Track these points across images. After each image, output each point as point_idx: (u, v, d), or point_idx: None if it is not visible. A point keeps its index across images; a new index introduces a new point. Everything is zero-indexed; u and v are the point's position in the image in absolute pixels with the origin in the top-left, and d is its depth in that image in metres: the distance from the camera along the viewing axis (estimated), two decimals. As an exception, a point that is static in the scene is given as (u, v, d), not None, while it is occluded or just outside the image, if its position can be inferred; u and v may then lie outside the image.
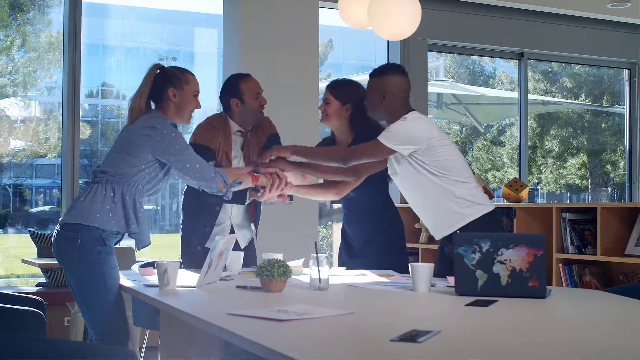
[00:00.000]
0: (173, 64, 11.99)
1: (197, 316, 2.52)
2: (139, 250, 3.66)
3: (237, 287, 3.32)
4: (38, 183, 13.00)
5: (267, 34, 6.44)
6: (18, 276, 11.28)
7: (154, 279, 3.51)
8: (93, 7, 11.52)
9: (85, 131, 12.67)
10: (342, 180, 4.16)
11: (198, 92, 3.79)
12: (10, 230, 12.57)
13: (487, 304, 2.80)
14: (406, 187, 3.88)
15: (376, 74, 3.91)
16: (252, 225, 4.38)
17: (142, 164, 3.55)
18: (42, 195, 13.44)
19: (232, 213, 4.27)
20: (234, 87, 4.27)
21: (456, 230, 3.70)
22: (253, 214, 4.34)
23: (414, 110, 3.86)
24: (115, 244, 3.56)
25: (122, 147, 3.60)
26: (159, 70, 3.74)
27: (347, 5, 4.32)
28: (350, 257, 4.30)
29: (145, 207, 3.68)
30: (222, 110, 4.32)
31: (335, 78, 4.38)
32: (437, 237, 3.89)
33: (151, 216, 12.84)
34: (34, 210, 13.32)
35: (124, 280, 3.55)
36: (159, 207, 13.47)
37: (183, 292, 3.18)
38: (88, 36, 12.15)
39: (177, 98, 3.70)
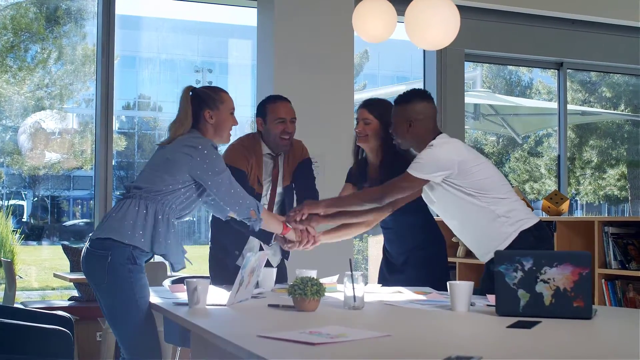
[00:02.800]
0: (209, 75, 12.02)
1: (226, 338, 2.41)
2: (174, 271, 3.58)
3: (269, 305, 3.22)
4: (75, 195, 13.08)
5: (302, 46, 6.36)
6: (53, 289, 11.31)
7: (184, 296, 3.42)
8: (128, 19, 11.57)
9: (121, 143, 12.73)
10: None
11: (234, 109, 3.71)
12: (46, 242, 12.63)
13: (529, 325, 2.67)
14: (444, 212, 3.77)
15: (401, 101, 3.79)
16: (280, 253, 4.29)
17: (179, 184, 3.46)
18: (79, 207, 13.52)
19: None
20: (261, 106, 4.21)
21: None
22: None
23: (441, 133, 3.74)
24: (146, 261, 3.47)
25: (160, 164, 3.51)
26: (191, 92, 3.66)
27: (363, 21, 4.24)
28: (390, 274, 4.19)
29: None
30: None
31: (369, 97, 4.26)
32: (483, 260, 3.77)
33: (185, 228, 12.82)
34: (68, 223, 13.37)
35: (154, 298, 3.47)
36: (194, 219, 13.47)
37: (213, 311, 3.09)
38: (125, 49, 12.22)
39: (214, 119, 3.62)
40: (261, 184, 4.12)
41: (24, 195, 12.98)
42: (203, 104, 3.61)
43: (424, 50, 7.51)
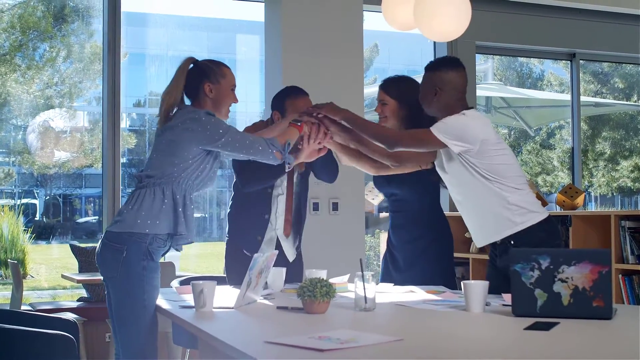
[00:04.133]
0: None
1: (232, 345, 2.32)
2: (178, 250, 3.47)
3: (278, 307, 3.13)
4: (87, 192, 13.06)
5: (310, 39, 6.26)
6: (64, 288, 11.27)
7: (191, 298, 3.33)
8: (137, 16, 11.51)
9: (131, 140, 12.69)
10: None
11: (235, 85, 3.58)
12: (58, 240, 12.61)
13: (547, 327, 2.56)
14: (454, 186, 3.66)
15: (430, 67, 3.68)
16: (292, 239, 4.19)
17: (189, 160, 3.35)
18: (91, 204, 13.50)
19: (277, 225, 4.10)
20: (280, 100, 4.10)
21: (506, 239, 3.49)
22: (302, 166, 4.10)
23: (472, 107, 3.63)
24: (163, 255, 3.38)
25: (165, 149, 3.39)
26: (192, 65, 3.54)
27: (392, 7, 4.09)
28: (396, 271, 4.10)
29: (196, 215, 3.50)
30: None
31: (387, 77, 4.12)
32: (480, 243, 3.66)
33: (199, 224, 12.77)
34: (81, 220, 13.35)
35: (160, 300, 3.38)
36: (206, 215, 13.42)
37: (219, 315, 3.00)
38: (135, 46, 12.18)
39: (214, 93, 3.49)
40: None
41: (36, 194, 12.98)
42: (204, 76, 3.49)
43: (434, 43, 7.39)
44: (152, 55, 12.62)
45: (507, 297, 3.03)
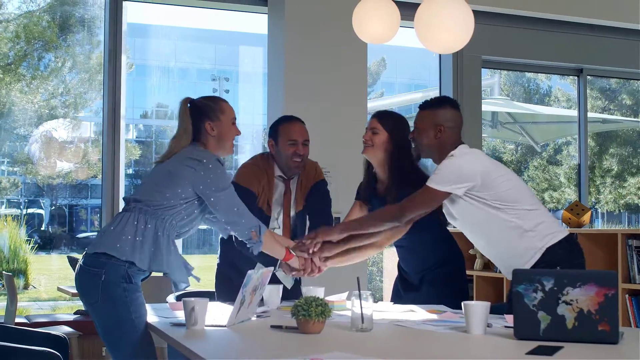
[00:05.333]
0: (226, 84, 11.91)
1: (220, 367, 2.22)
2: (177, 290, 3.39)
3: (272, 327, 3.02)
4: (93, 203, 13.01)
5: (313, 52, 6.18)
6: (65, 299, 11.18)
7: (184, 314, 3.23)
8: (145, 28, 11.48)
9: (136, 152, 12.64)
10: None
11: (235, 118, 3.52)
12: (58, 252, 12.54)
13: (551, 351, 2.46)
14: (467, 228, 3.56)
15: (431, 105, 3.58)
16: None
17: (180, 199, 3.27)
18: (97, 215, 13.46)
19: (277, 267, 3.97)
20: (273, 127, 4.03)
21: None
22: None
23: (463, 143, 3.55)
24: (143, 279, 3.29)
25: (161, 178, 3.32)
26: (189, 104, 3.48)
27: (362, 19, 4.05)
28: (405, 292, 4.00)
29: (199, 227, 3.43)
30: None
31: (383, 109, 4.08)
32: (510, 277, 3.56)
33: (195, 240, 12.69)
34: (81, 235, 13.29)
35: (151, 317, 3.28)
36: (210, 228, 13.36)
37: (211, 333, 2.90)
38: (142, 58, 12.15)
39: (216, 130, 3.44)
40: (270, 206, 3.94)
41: (42, 204, 12.96)
42: (203, 115, 3.43)
43: (440, 57, 7.31)
44: (159, 67, 12.60)
45: (510, 318, 2.93)
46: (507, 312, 3.23)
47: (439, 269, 3.89)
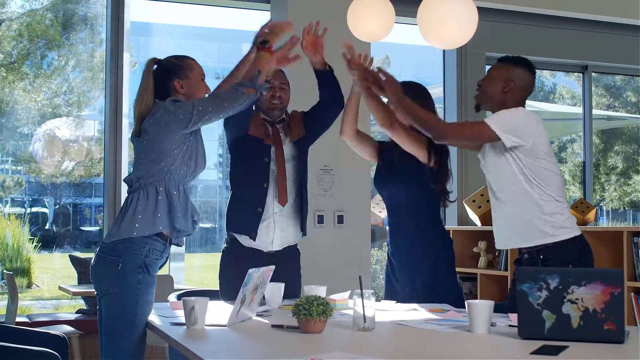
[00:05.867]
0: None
1: (219, 367, 2.19)
2: (180, 245, 3.35)
3: (273, 326, 2.98)
4: (97, 202, 12.98)
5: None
6: (69, 298, 11.15)
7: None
8: (148, 26, 11.44)
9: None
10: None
11: (204, 75, 3.45)
12: (61, 250, 12.52)
13: (556, 351, 2.41)
14: (493, 181, 3.53)
15: (509, 60, 3.60)
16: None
17: (175, 151, 3.23)
18: (101, 214, 13.45)
19: (276, 208, 3.96)
20: None
21: (534, 252, 3.38)
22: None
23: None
24: (160, 267, 3.26)
25: (148, 149, 3.27)
26: (156, 65, 3.40)
27: (358, 17, 4.02)
28: (396, 280, 4.02)
29: (202, 225, 3.39)
30: None
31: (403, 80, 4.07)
32: (500, 245, 3.56)
33: (203, 235, 12.65)
34: (85, 228, 13.27)
35: (153, 316, 3.24)
36: (216, 226, 13.31)
37: (211, 333, 2.86)
38: (146, 56, 12.12)
39: (185, 88, 3.36)
40: (270, 136, 3.99)
41: (46, 203, 12.94)
42: (171, 74, 3.35)
43: (444, 54, 7.25)
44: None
45: (514, 317, 2.89)
46: (508, 311, 3.20)
47: (428, 257, 3.92)
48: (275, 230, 3.95)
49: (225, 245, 4.05)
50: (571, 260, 3.29)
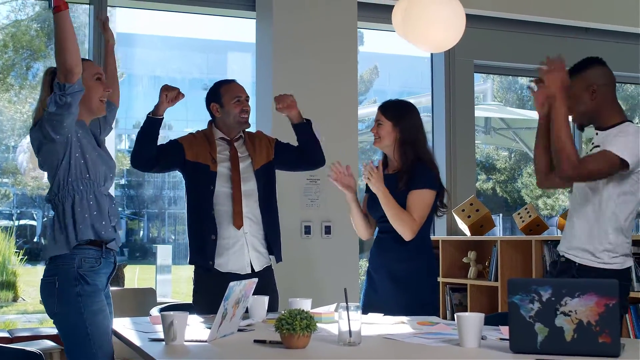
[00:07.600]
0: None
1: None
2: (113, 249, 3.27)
3: (255, 341, 2.88)
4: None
5: (302, 58, 6.03)
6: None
7: (164, 329, 3.09)
8: (135, 38, 11.35)
9: (127, 162, 12.50)
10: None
11: (101, 74, 3.33)
12: (42, 264, 12.39)
13: (549, 365, 2.32)
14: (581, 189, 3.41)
15: (578, 69, 3.47)
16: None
17: (62, 161, 3.14)
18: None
19: (247, 229, 3.91)
20: (213, 91, 4.10)
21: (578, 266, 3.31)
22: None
23: (628, 121, 3.39)
24: (109, 275, 3.16)
25: (43, 165, 3.22)
26: (51, 73, 3.25)
27: (426, 25, 3.82)
28: (375, 293, 3.98)
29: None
30: None
31: (387, 100, 4.08)
32: (561, 247, 3.46)
33: (183, 249, 12.55)
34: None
35: (129, 331, 3.13)
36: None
37: (191, 349, 2.75)
38: (133, 67, 12.01)
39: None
40: (216, 162, 3.94)
41: (34, 215, 12.86)
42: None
43: (432, 62, 7.16)
44: (152, 77, 12.48)
45: (505, 330, 2.79)
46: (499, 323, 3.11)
47: (411, 269, 3.90)
48: (250, 252, 3.93)
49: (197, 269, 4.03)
50: (622, 289, 3.12)
